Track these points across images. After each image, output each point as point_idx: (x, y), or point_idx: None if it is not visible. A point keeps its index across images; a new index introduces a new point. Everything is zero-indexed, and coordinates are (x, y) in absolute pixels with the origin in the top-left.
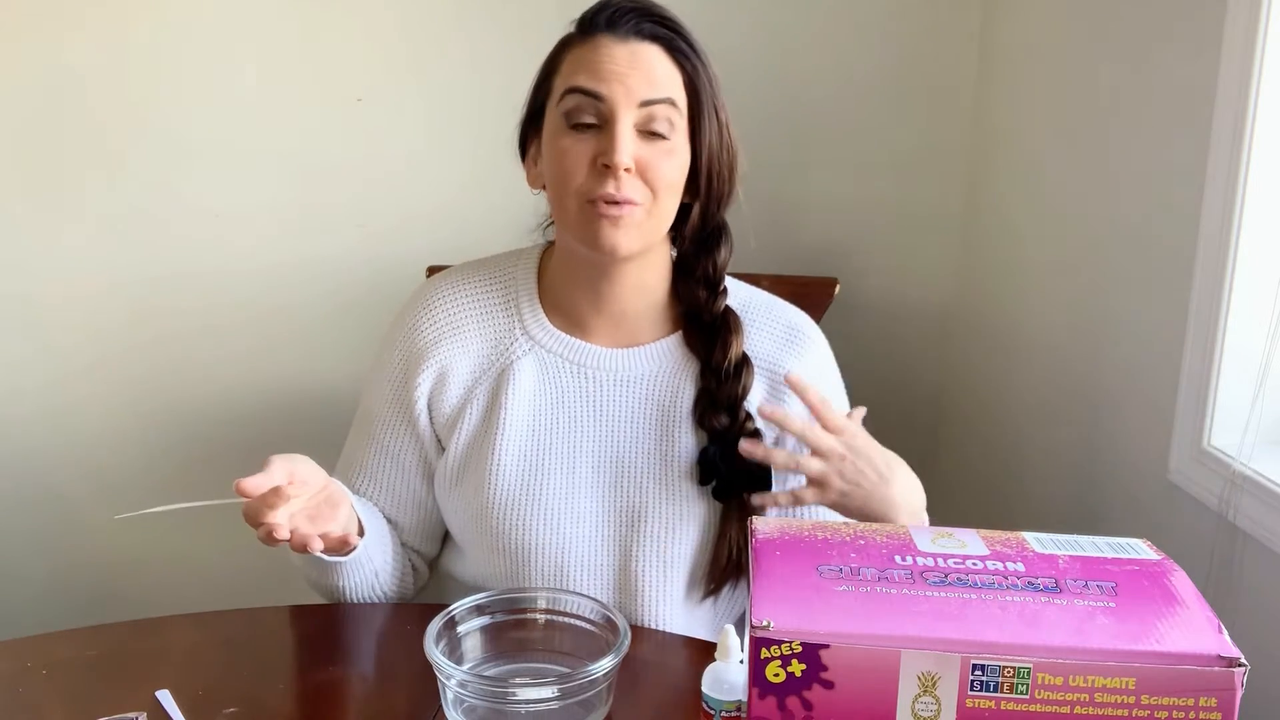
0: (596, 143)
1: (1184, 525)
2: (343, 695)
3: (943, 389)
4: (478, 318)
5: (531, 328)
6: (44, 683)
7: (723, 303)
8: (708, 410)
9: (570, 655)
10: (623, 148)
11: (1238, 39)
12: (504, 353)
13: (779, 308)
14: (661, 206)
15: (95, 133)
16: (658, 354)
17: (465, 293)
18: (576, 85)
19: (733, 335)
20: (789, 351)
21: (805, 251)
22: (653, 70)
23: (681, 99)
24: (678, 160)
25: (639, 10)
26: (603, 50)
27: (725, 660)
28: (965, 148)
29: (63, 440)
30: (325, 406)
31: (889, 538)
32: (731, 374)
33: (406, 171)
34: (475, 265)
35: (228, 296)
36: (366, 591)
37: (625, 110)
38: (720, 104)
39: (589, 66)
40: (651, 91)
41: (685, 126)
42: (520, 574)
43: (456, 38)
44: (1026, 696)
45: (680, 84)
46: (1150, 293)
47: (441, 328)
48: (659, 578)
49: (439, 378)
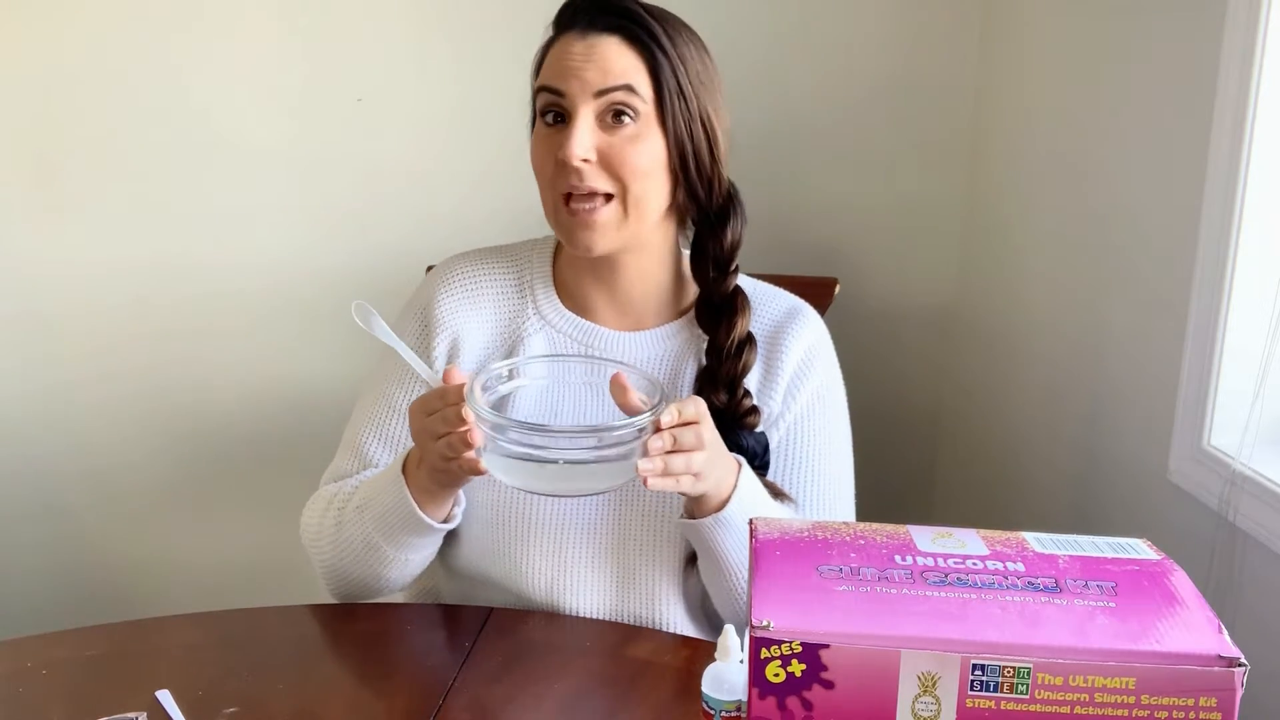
0: (560, 138)
1: (1184, 525)
2: (343, 695)
3: (942, 389)
4: (494, 295)
5: (544, 308)
6: (44, 683)
7: (731, 282)
8: (706, 386)
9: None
10: (576, 140)
11: (1238, 37)
12: (516, 329)
13: (782, 294)
14: (636, 195)
15: (95, 134)
16: (664, 337)
17: (484, 271)
18: (543, 84)
19: (739, 315)
20: (789, 327)
21: (805, 251)
22: (607, 61)
23: (644, 85)
24: (645, 146)
25: (596, 4)
26: (564, 47)
27: (725, 660)
28: (965, 148)
29: (63, 440)
30: (326, 407)
31: (889, 538)
32: (734, 352)
33: (406, 171)
34: (494, 249)
35: (227, 297)
36: (415, 570)
37: (584, 104)
38: (694, 86)
39: (553, 64)
40: (606, 80)
41: (654, 112)
42: (520, 552)
43: (457, 38)
44: (1026, 696)
45: (643, 70)
46: (1150, 293)
47: (459, 300)
48: (654, 550)
49: (453, 345)
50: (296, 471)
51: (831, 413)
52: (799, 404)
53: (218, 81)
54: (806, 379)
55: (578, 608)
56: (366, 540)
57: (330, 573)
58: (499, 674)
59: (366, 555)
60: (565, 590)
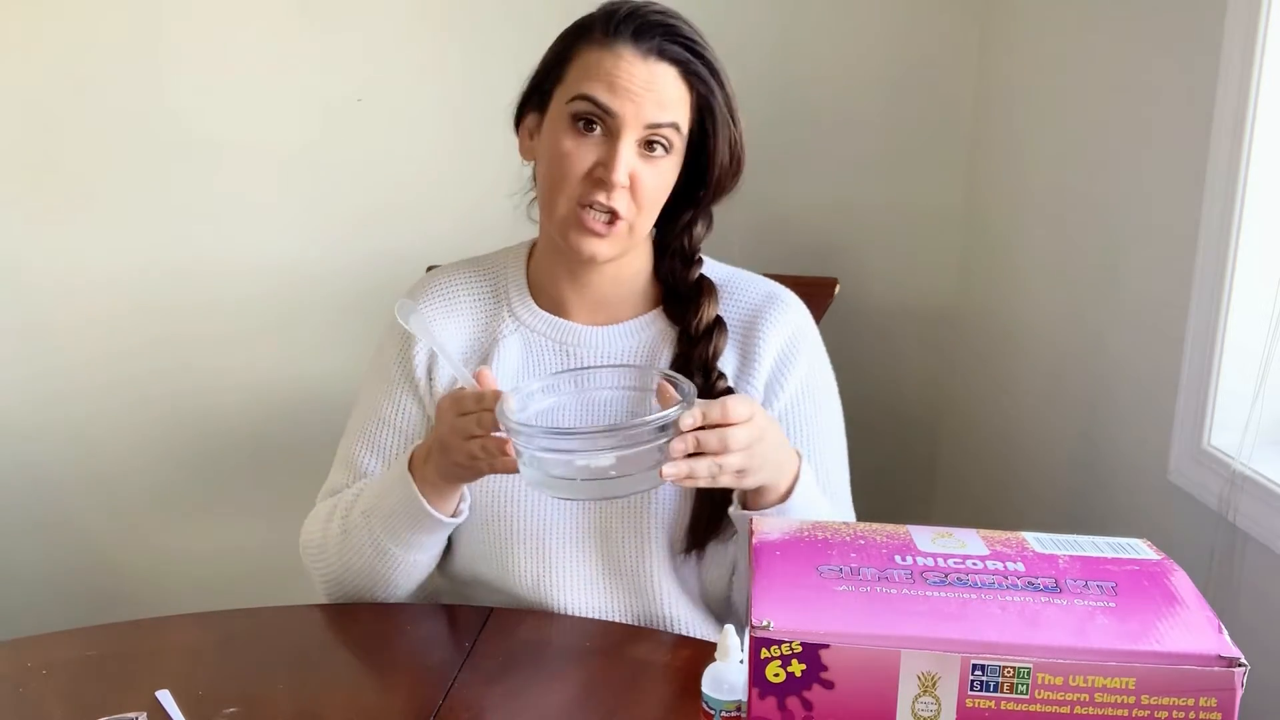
0: (597, 151)
1: (1184, 525)
2: (343, 695)
3: (942, 389)
4: (470, 303)
5: (518, 310)
6: (44, 683)
7: (697, 271)
8: (681, 372)
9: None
10: (621, 166)
11: (1238, 39)
12: (492, 332)
13: (759, 281)
14: (644, 219)
15: (94, 137)
16: (636, 329)
17: (459, 282)
18: (591, 95)
19: (705, 299)
20: (765, 313)
21: (805, 251)
22: (665, 94)
23: (686, 121)
24: (667, 179)
25: (666, 28)
26: (623, 64)
27: (725, 660)
28: (965, 148)
29: (62, 440)
30: (326, 407)
31: (889, 538)
32: (703, 335)
33: (406, 171)
34: (469, 261)
35: (227, 298)
36: (419, 576)
37: (631, 129)
38: (734, 118)
39: (606, 78)
40: (659, 115)
41: (682, 145)
42: (505, 548)
43: (457, 37)
44: (1026, 696)
45: (688, 105)
46: (1150, 292)
47: (435, 309)
48: (637, 545)
49: (432, 354)
50: (297, 472)
51: (821, 399)
52: (786, 394)
53: (217, 83)
54: (790, 369)
55: (568, 605)
56: (375, 545)
57: (334, 585)
58: (499, 674)
59: (375, 561)
60: (552, 587)
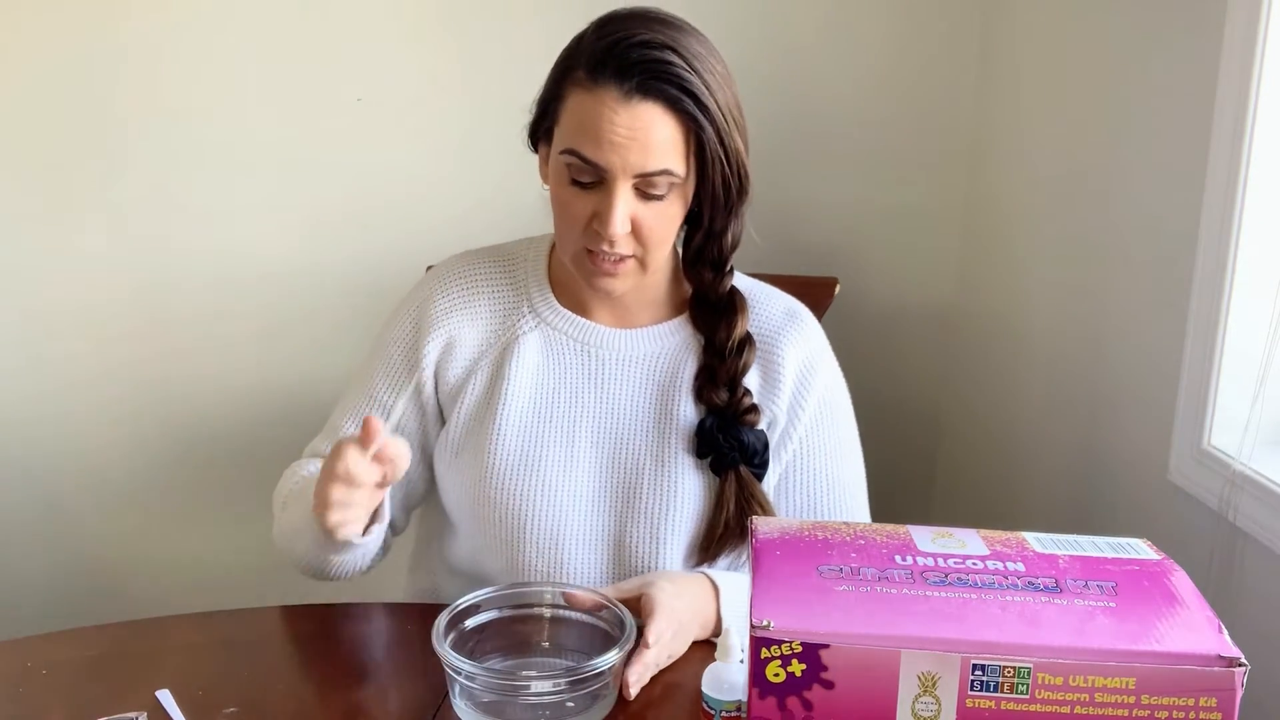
0: (594, 202)
1: (1184, 525)
2: (343, 695)
3: (943, 389)
4: (489, 294)
5: (539, 306)
6: (44, 683)
7: (728, 283)
8: (707, 385)
9: (575, 651)
10: (616, 220)
11: (1238, 39)
12: (511, 327)
13: (778, 295)
14: (655, 254)
15: (95, 136)
16: (661, 335)
17: (479, 271)
18: (578, 151)
19: (738, 314)
20: (786, 332)
21: (805, 251)
22: (651, 138)
23: (681, 159)
24: (670, 214)
25: (646, 66)
26: (605, 111)
27: (725, 660)
28: (965, 148)
29: (63, 441)
30: (327, 407)
31: (889, 538)
32: (734, 351)
33: (407, 171)
34: (490, 249)
35: (227, 298)
36: (352, 568)
37: (622, 181)
38: (732, 138)
39: (589, 130)
40: (647, 163)
41: (685, 180)
42: (516, 546)
43: (456, 38)
44: (1027, 696)
45: (682, 139)
46: (1150, 293)
47: (454, 300)
48: (652, 552)
49: (446, 346)
50: None
51: (839, 417)
52: (807, 415)
53: (216, 82)
54: (809, 390)
55: None
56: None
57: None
58: None
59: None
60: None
